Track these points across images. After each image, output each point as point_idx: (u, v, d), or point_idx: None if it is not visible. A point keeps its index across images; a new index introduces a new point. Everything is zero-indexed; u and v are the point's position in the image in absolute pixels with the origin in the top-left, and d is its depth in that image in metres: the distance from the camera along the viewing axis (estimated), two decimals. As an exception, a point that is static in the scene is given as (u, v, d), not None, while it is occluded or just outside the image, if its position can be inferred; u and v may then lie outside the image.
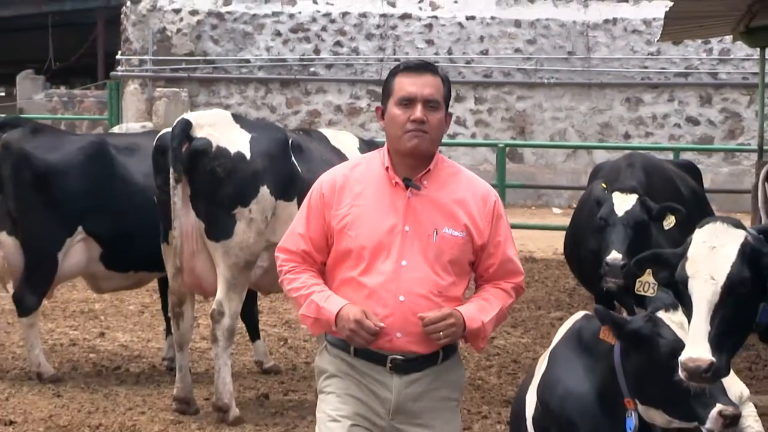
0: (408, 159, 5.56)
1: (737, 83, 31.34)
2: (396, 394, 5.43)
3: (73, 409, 11.35)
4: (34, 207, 12.17)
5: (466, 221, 5.57)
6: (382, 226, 5.46)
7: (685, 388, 8.06)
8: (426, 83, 5.50)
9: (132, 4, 32.56)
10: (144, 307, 16.44)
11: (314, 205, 5.62)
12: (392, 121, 5.50)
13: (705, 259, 7.30)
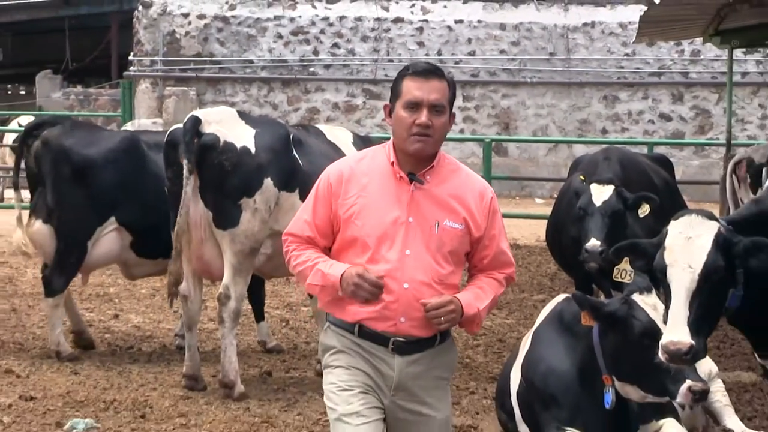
0: (412, 157, 5.56)
1: (707, 82, 31.38)
2: (398, 373, 5.45)
3: (89, 385, 11.37)
4: (70, 198, 12.25)
5: (465, 215, 5.57)
6: (388, 217, 5.46)
7: (658, 365, 8.15)
8: (432, 88, 5.50)
9: (144, 8, 32.58)
10: (155, 290, 16.44)
11: (321, 194, 5.61)
12: (399, 122, 5.51)
13: (682, 249, 7.37)
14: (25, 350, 12.82)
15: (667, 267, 7.45)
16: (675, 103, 31.89)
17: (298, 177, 11.12)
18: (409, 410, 5.51)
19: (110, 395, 10.97)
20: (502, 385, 9.92)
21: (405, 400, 5.50)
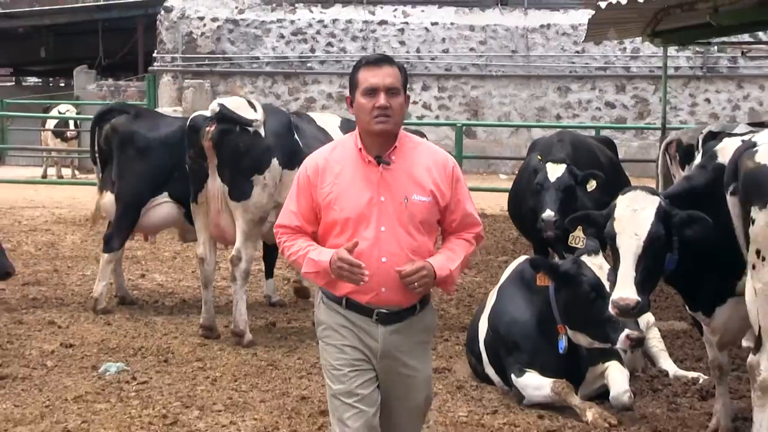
0: (377, 139, 5.45)
1: (645, 75, 31.38)
2: (382, 342, 5.34)
3: (120, 334, 11.36)
4: (129, 173, 12.35)
5: (432, 187, 5.46)
6: (362, 199, 5.35)
7: (602, 316, 8.25)
8: (386, 74, 5.39)
9: (165, 12, 32.51)
10: (176, 253, 16.43)
11: (302, 185, 5.52)
12: (360, 108, 5.43)
13: (629, 219, 7.51)
14: (65, 305, 12.80)
15: (616, 235, 7.62)
16: (618, 93, 31.90)
17: (298, 157, 11.10)
18: (396, 372, 5.40)
19: (138, 343, 10.98)
20: (471, 333, 10.00)
21: (390, 364, 5.40)
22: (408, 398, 5.41)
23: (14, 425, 8.19)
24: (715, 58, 31.58)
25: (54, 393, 9.12)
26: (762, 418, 7.30)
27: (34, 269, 14.64)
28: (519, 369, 9.10)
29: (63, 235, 18.38)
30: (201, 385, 9.51)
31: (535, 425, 8.50)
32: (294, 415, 8.62)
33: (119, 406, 8.79)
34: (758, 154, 7.27)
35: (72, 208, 21.92)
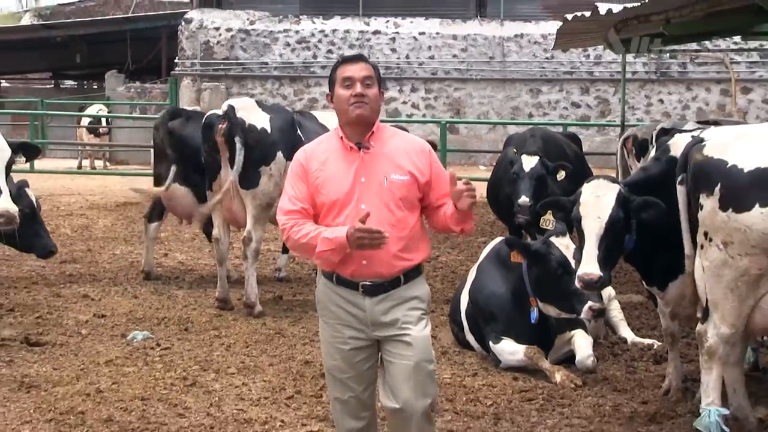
0: (355, 126, 5.37)
1: (606, 79, 31.34)
2: (369, 312, 5.22)
3: (146, 306, 11.35)
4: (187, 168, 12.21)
5: (410, 167, 5.37)
6: (346, 181, 5.28)
7: (569, 289, 8.31)
8: (361, 68, 5.36)
9: (186, 24, 32.43)
10: (195, 235, 16.39)
11: (298, 172, 5.42)
12: (339, 99, 5.35)
13: (593, 204, 7.60)
14: (98, 280, 12.78)
15: (581, 218, 7.69)
16: (583, 94, 31.86)
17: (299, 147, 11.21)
18: (387, 336, 5.24)
19: (161, 313, 10.99)
20: (454, 305, 10.02)
21: (382, 332, 5.25)
22: (406, 357, 5.20)
23: (53, 386, 8.18)
24: (667, 64, 31.56)
25: (88, 357, 9.13)
26: (708, 379, 7.31)
27: (70, 249, 14.63)
28: (496, 337, 9.12)
29: (96, 219, 18.37)
30: (217, 350, 9.51)
31: (510, 386, 8.51)
32: (298, 377, 8.62)
33: (145, 369, 8.79)
34: (705, 149, 7.30)
35: (103, 195, 21.92)
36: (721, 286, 7.15)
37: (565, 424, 7.56)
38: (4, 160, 8.38)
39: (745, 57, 30.13)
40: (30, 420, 7.34)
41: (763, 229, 6.89)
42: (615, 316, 10.40)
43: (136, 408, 7.67)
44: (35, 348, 9.47)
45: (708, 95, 31.68)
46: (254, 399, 8.04)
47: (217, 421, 7.45)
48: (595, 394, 8.36)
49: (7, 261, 13.59)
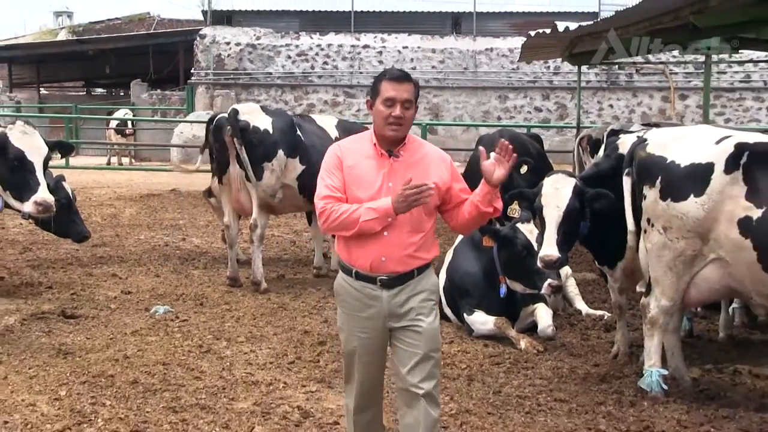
0: (389, 140, 5.15)
1: (564, 87, 31.40)
2: (386, 303, 5.03)
3: (166, 284, 11.33)
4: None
5: (432, 177, 5.14)
6: (375, 184, 5.06)
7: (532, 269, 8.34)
8: (404, 89, 5.11)
9: (200, 39, 32.42)
10: (209, 222, 16.38)
11: (335, 163, 5.17)
12: (378, 114, 5.12)
13: (553, 195, 7.67)
14: (125, 261, 12.75)
15: (543, 207, 7.76)
16: (544, 100, 31.93)
17: (299, 148, 11.29)
18: (402, 327, 5.06)
19: (180, 290, 10.96)
20: (433, 283, 10.00)
21: (398, 321, 5.06)
22: (416, 347, 5.04)
23: (86, 353, 8.17)
24: (616, 74, 31.62)
25: (116, 328, 9.11)
26: (650, 344, 7.39)
27: (100, 234, 14.59)
28: (469, 309, 9.14)
29: (122, 209, 18.32)
30: (228, 322, 9.50)
31: (481, 352, 8.53)
32: (299, 345, 8.62)
33: (166, 338, 8.78)
34: (648, 147, 7.37)
35: (129, 188, 21.86)
36: (662, 265, 7.20)
37: (528, 384, 7.57)
38: (43, 156, 8.35)
39: (682, 68, 30.18)
40: (66, 382, 7.33)
41: (696, 216, 6.94)
42: (571, 291, 10.44)
43: (158, 372, 7.66)
44: (70, 320, 9.45)
45: (651, 101, 31.77)
46: (260, 364, 8.04)
47: (228, 383, 7.45)
48: (554, 358, 8.38)
49: (46, 245, 13.57)
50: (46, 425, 6.40)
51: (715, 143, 7.12)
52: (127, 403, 6.88)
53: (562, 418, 6.78)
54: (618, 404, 7.09)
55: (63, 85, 47.42)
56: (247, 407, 6.88)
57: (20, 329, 9.06)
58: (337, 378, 7.62)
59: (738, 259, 6.87)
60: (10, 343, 8.49)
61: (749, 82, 31.48)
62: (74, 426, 6.38)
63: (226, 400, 7.04)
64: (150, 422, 6.49)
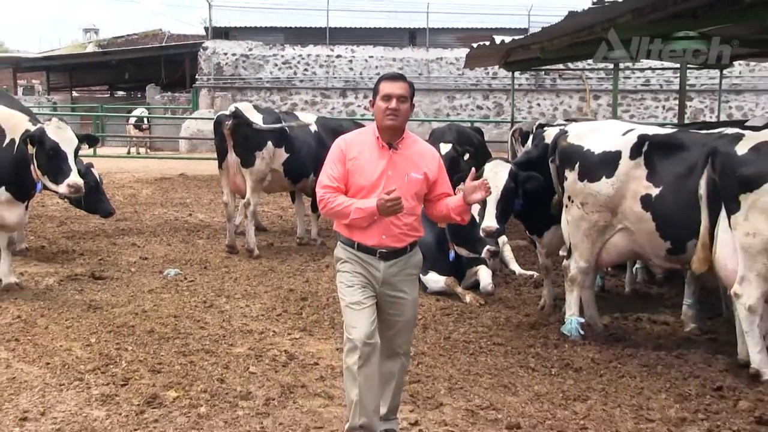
0: (389, 131, 4.96)
1: (501, 89, 31.40)
2: (383, 272, 4.89)
3: (176, 251, 11.26)
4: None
5: (424, 168, 4.99)
6: (376, 172, 4.89)
7: (475, 237, 8.31)
8: (399, 86, 4.97)
9: (203, 50, 32.15)
10: (211, 200, 16.30)
11: (338, 156, 4.98)
12: (378, 108, 4.96)
13: (492, 178, 7.53)
14: (142, 233, 12.65)
15: None
16: (484, 100, 31.92)
17: (285, 139, 11.19)
18: (391, 295, 4.94)
19: (187, 256, 10.89)
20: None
21: (388, 290, 4.93)
22: (401, 315, 4.97)
23: (112, 307, 8.12)
24: (542, 79, 31.68)
25: (136, 287, 9.05)
26: (570, 298, 7.46)
27: (122, 211, 14.44)
28: (424, 270, 9.04)
29: (140, 190, 18.16)
30: (227, 282, 9.45)
31: (434, 305, 8.54)
32: (285, 300, 8.60)
33: (176, 295, 8.73)
34: (569, 138, 7.41)
35: (145, 173, 21.66)
36: (579, 233, 7.25)
37: (472, 331, 7.59)
38: (74, 146, 8.29)
39: (595, 74, 30.29)
40: (96, 331, 7.28)
41: (607, 193, 7.00)
42: (507, 255, 10.46)
43: (170, 323, 7.62)
44: (98, 281, 9.38)
45: (570, 101, 31.85)
46: (254, 316, 8.02)
47: (227, 331, 7.42)
48: (493, 310, 8.40)
49: (78, 220, 13.43)
50: (80, 366, 6.38)
51: (622, 135, 7.17)
52: (145, 348, 6.85)
53: (499, 358, 6.81)
54: (544, 346, 7.13)
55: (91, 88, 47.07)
56: (243, 351, 6.86)
57: (58, 288, 9.00)
58: (317, 327, 7.63)
59: (640, 229, 6.93)
60: (49, 300, 8.43)
61: (648, 85, 31.64)
62: (103, 366, 6.36)
63: (226, 345, 7.02)
64: (164, 364, 6.46)
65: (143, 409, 5.53)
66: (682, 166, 6.73)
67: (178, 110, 33.52)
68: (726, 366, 6.51)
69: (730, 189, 6.16)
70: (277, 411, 5.58)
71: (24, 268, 9.94)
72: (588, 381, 6.25)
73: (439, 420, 5.50)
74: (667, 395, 5.95)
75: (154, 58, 38.22)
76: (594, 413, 5.60)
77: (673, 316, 8.11)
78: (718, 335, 7.42)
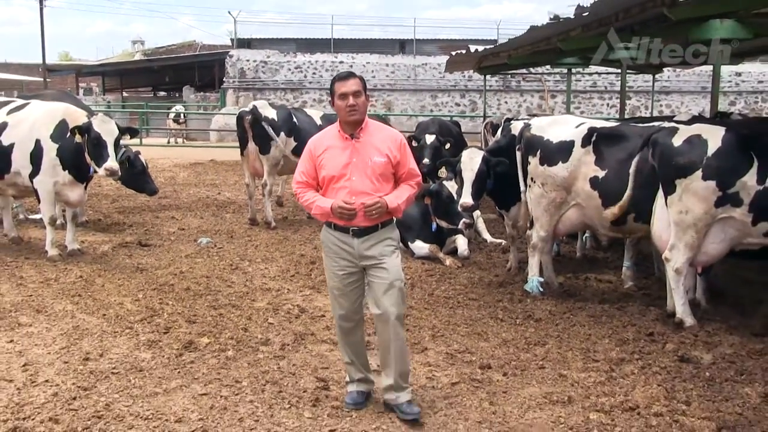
0: (350, 124, 4.63)
1: (476, 89, 31.22)
2: (357, 248, 4.54)
3: (208, 223, 11.21)
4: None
5: (387, 152, 4.62)
6: (341, 161, 4.57)
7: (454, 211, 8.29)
8: (351, 83, 4.61)
9: (229, 58, 31.87)
10: (236, 181, 16.20)
11: (308, 155, 4.69)
12: (337, 107, 4.63)
13: (468, 162, 7.58)
14: (180, 208, 12.60)
15: (461, 170, 7.66)
16: (461, 98, 31.73)
17: (295, 131, 11.06)
18: (371, 262, 4.55)
19: (217, 227, 10.84)
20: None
21: (367, 259, 4.55)
22: (385, 276, 4.53)
23: (155, 269, 8.09)
24: (509, 81, 31.54)
25: (175, 253, 9.02)
26: (532, 261, 7.45)
27: (163, 190, 14.29)
28: (412, 239, 9.09)
29: (178, 173, 18.07)
30: (249, 249, 9.42)
31: (419, 267, 8.50)
32: (297, 263, 8.57)
33: (208, 260, 8.70)
34: (531, 129, 7.37)
35: (182, 159, 21.49)
36: (540, 208, 7.22)
37: (451, 289, 7.58)
38: (114, 137, 8.25)
39: (553, 77, 30.14)
40: (143, 289, 7.26)
41: (563, 175, 6.98)
42: (480, 226, 10.42)
43: (203, 282, 7.60)
44: (144, 247, 9.33)
45: (532, 99, 31.72)
46: (272, 276, 7.99)
47: (250, 289, 7.40)
48: (469, 272, 8.39)
49: (128, 197, 13.35)
50: (130, 317, 6.38)
51: (575, 127, 7.15)
52: (183, 303, 6.83)
53: (473, 311, 6.80)
54: (510, 301, 7.12)
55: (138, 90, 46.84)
56: (263, 306, 6.84)
57: (111, 254, 8.96)
58: (323, 286, 7.59)
59: (589, 204, 6.93)
60: (105, 263, 8.40)
61: (596, 86, 31.55)
62: (149, 317, 6.35)
63: (249, 301, 7.00)
64: (198, 315, 6.45)
65: (181, 352, 5.53)
66: (623, 153, 6.76)
67: (209, 107, 33.43)
68: (657, 316, 6.53)
69: (668, 174, 6.15)
70: (291, 354, 5.58)
71: (84, 237, 9.89)
72: (546, 329, 6.26)
73: (424, 362, 5.50)
74: (609, 340, 5.97)
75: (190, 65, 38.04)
76: (551, 355, 5.61)
77: (615, 275, 8.12)
78: (651, 291, 7.43)
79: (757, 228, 5.92)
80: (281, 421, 4.45)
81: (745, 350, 5.65)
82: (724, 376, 5.15)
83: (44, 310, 6.56)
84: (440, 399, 4.83)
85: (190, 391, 4.83)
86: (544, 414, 4.59)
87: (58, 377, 5.03)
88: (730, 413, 4.57)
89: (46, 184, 8.44)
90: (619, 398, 4.78)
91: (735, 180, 5.86)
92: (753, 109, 30.45)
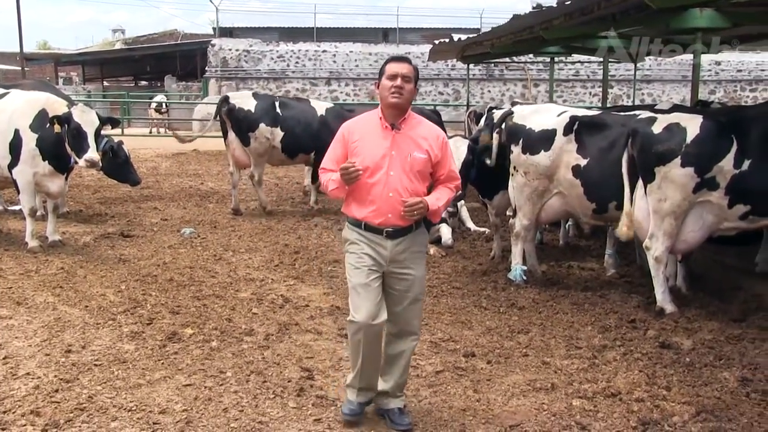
0: (392, 110, 4.26)
1: (459, 78, 31.20)
2: (390, 251, 4.19)
3: (191, 213, 11.15)
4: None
5: (428, 148, 4.26)
6: (379, 151, 4.21)
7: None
8: (403, 67, 4.28)
9: (212, 46, 31.62)
10: (219, 171, 16.14)
11: (339, 139, 4.33)
12: (383, 87, 4.27)
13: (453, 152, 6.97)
14: (162, 198, 12.53)
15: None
16: (445, 87, 31.67)
17: (278, 120, 10.94)
18: (398, 273, 4.22)
19: (200, 217, 10.80)
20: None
21: (395, 267, 4.21)
22: (408, 291, 4.26)
23: (138, 260, 8.05)
24: (492, 70, 31.54)
25: (158, 244, 8.97)
26: (516, 250, 7.46)
27: (146, 181, 14.17)
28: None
29: (160, 163, 17.98)
30: (233, 239, 9.39)
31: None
32: (281, 254, 8.55)
33: (191, 250, 8.66)
34: (514, 117, 7.36)
35: (164, 149, 21.32)
36: (523, 197, 7.24)
37: (435, 277, 7.60)
38: (94, 127, 8.19)
39: (536, 66, 30.19)
40: (125, 280, 7.22)
41: (545, 164, 7.00)
42: (464, 215, 10.44)
43: (186, 272, 7.57)
44: (127, 238, 9.28)
45: (515, 88, 31.73)
46: (255, 266, 7.98)
47: (234, 279, 7.38)
48: (453, 260, 8.42)
49: (110, 188, 13.26)
50: (112, 308, 6.34)
51: (557, 116, 7.17)
52: (166, 293, 6.80)
53: (457, 299, 6.83)
54: (494, 289, 7.15)
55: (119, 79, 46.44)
56: (247, 296, 6.83)
57: (93, 245, 8.90)
58: (307, 276, 7.61)
59: (572, 193, 6.95)
60: (87, 254, 8.34)
61: (578, 75, 31.63)
62: (131, 308, 6.32)
63: (233, 291, 6.98)
64: (182, 306, 6.42)
65: (165, 343, 5.51)
66: (605, 141, 6.79)
67: (191, 97, 33.23)
68: (638, 303, 6.60)
69: (647, 163, 6.19)
70: (276, 344, 5.57)
71: (65, 228, 9.82)
72: (529, 317, 6.29)
73: (408, 350, 5.50)
74: (592, 327, 6.02)
75: (171, 54, 37.77)
76: (534, 343, 5.64)
77: (598, 263, 8.17)
78: (633, 279, 7.49)
79: (733, 210, 6.00)
80: (266, 411, 4.45)
81: (723, 335, 5.73)
82: (704, 362, 5.22)
83: (25, 302, 6.51)
84: (425, 387, 4.85)
85: (174, 382, 4.82)
86: (528, 401, 4.62)
87: (39, 370, 4.99)
88: (709, 397, 4.63)
89: (26, 175, 8.36)
90: (602, 384, 4.83)
91: (712, 165, 5.94)
92: (732, 97, 30.70)
